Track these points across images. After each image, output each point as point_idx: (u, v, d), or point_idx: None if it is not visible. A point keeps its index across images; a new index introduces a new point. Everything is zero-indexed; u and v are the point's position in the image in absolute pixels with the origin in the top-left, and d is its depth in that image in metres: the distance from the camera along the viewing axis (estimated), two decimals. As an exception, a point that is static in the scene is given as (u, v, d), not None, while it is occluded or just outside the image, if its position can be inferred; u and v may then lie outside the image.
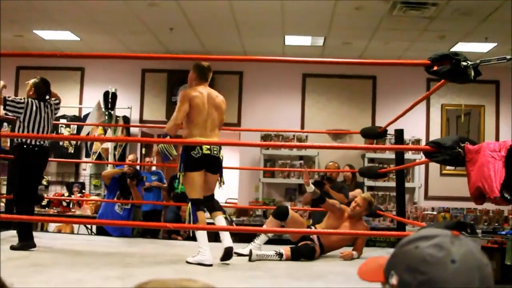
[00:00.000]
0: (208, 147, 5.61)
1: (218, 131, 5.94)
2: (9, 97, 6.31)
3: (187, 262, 5.49)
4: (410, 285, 1.26)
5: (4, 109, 6.31)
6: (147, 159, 10.73)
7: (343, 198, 7.71)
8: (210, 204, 5.84)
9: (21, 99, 6.31)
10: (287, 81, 11.69)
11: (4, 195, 8.43)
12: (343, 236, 6.34)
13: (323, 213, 6.87)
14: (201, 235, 5.54)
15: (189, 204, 5.64)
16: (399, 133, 7.28)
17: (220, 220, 5.73)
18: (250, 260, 5.86)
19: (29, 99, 6.34)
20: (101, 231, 8.43)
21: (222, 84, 11.32)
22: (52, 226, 10.30)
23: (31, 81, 6.56)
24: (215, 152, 5.69)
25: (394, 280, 1.30)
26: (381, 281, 1.38)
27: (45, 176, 10.35)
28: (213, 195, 5.92)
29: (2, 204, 9.22)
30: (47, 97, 6.56)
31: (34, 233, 6.48)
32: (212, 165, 5.74)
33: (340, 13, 8.59)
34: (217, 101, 5.87)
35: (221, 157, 5.84)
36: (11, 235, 6.66)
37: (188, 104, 5.62)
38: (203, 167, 5.68)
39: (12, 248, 5.97)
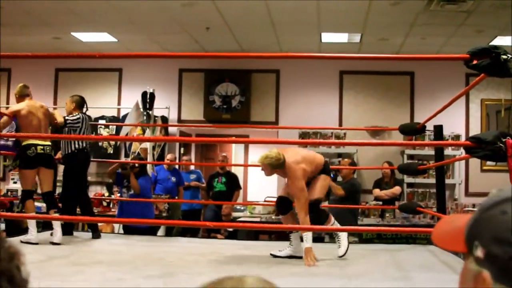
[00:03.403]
0: (42, 147, 6.73)
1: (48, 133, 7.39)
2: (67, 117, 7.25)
3: (21, 242, 6.20)
4: (500, 260, 1.03)
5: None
6: (185, 157, 10.76)
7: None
8: (50, 199, 6.98)
9: (77, 117, 7.26)
10: (324, 78, 11.64)
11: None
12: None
13: None
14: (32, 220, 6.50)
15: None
16: (438, 129, 7.20)
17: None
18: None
19: (81, 114, 7.31)
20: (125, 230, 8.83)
21: (259, 82, 11.37)
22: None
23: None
24: (48, 151, 6.83)
25: (479, 253, 1.07)
26: (462, 251, 1.15)
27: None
28: (51, 192, 7.08)
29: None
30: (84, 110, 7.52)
31: (76, 233, 7.38)
32: (47, 162, 6.87)
33: (376, 9, 8.53)
34: (43, 110, 7.02)
35: (52, 154, 7.07)
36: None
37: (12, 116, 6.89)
38: (38, 165, 6.78)
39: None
